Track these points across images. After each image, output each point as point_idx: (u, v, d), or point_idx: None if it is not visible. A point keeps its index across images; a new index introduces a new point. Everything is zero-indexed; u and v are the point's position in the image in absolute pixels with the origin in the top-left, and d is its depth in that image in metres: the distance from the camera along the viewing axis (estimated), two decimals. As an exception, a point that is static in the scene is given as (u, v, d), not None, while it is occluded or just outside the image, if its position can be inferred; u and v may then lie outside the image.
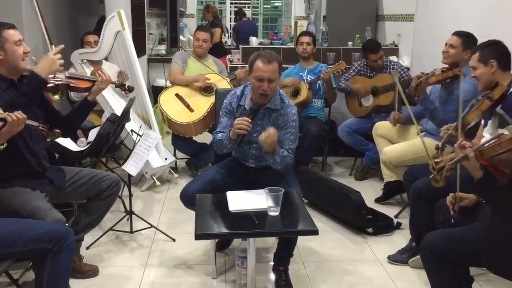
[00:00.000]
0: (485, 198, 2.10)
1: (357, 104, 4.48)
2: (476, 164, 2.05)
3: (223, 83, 4.34)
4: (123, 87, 3.11)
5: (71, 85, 2.75)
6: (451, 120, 2.89)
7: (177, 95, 4.38)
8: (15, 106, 2.40)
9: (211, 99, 4.20)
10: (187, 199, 2.76)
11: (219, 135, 2.80)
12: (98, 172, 2.81)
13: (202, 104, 4.31)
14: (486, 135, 2.71)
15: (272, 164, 2.70)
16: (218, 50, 6.40)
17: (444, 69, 3.27)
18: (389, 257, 3.07)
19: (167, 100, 4.35)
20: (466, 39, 3.38)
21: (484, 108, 2.59)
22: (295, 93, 4.40)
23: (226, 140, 2.73)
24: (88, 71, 4.09)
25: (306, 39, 4.46)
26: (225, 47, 7.42)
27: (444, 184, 2.34)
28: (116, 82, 3.01)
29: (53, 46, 3.30)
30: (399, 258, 3.04)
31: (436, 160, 2.44)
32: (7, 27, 2.45)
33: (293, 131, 2.76)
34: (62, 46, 2.55)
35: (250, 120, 2.61)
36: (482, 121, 2.74)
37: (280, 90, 2.84)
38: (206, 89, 4.39)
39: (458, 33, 3.43)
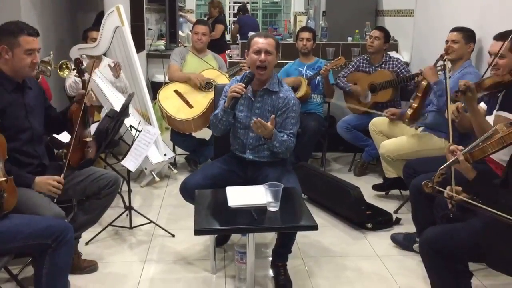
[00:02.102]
0: (481, 199, 2.10)
1: (356, 101, 4.47)
2: (467, 166, 2.06)
3: (222, 79, 4.33)
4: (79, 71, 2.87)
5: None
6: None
7: (176, 91, 4.37)
8: (12, 112, 2.42)
9: (210, 95, 4.20)
10: (187, 192, 2.77)
11: (215, 112, 2.88)
12: (96, 170, 2.80)
13: (201, 100, 4.30)
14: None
15: (272, 148, 2.75)
16: (221, 47, 6.37)
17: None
18: (392, 236, 3.15)
19: (166, 97, 4.35)
20: (466, 33, 3.44)
21: (506, 80, 2.59)
22: (294, 88, 4.39)
23: (221, 112, 2.79)
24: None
25: (306, 35, 4.45)
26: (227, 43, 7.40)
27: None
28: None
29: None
30: (400, 241, 3.11)
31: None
32: (27, 33, 2.41)
33: (294, 115, 2.81)
34: (62, 181, 2.51)
35: (244, 85, 2.69)
36: (484, 105, 2.75)
37: (278, 75, 2.90)
38: (205, 85, 4.38)
39: (457, 29, 3.48)
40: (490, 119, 2.75)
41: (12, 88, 2.46)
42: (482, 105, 2.81)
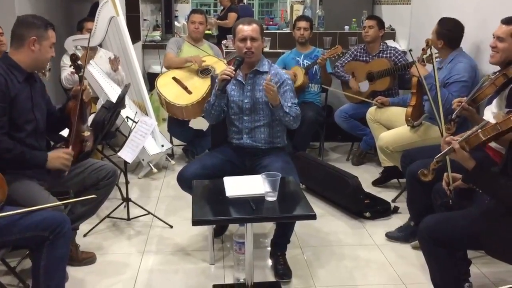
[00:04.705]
0: (481, 188, 2.09)
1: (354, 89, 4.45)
2: (464, 154, 2.06)
3: (220, 65, 4.30)
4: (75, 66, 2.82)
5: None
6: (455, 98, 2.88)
7: (174, 78, 4.33)
8: (21, 102, 2.42)
9: (209, 80, 4.17)
10: (184, 181, 2.77)
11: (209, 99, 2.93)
12: (95, 162, 2.80)
13: (200, 86, 4.27)
14: (487, 113, 2.71)
15: (283, 117, 2.77)
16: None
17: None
18: (387, 234, 3.11)
19: (165, 84, 4.31)
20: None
21: (498, 83, 2.61)
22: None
23: (213, 96, 2.83)
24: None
25: (303, 24, 4.42)
26: None
27: (433, 178, 2.36)
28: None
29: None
30: (396, 236, 3.08)
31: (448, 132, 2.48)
32: (52, 27, 2.53)
33: (290, 88, 2.87)
34: (72, 152, 2.56)
35: (234, 68, 2.73)
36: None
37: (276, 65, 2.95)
38: (203, 71, 4.35)
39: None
40: (489, 109, 2.74)
41: (22, 79, 2.46)
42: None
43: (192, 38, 4.52)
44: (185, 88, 4.27)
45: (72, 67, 2.78)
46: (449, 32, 3.34)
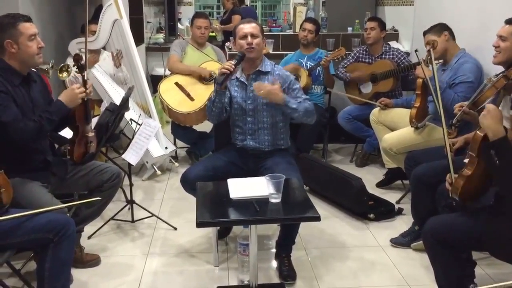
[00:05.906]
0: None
1: (357, 92, 4.45)
2: (497, 114, 2.01)
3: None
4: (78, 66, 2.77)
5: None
6: (461, 100, 2.87)
7: (176, 83, 4.34)
8: (21, 106, 2.41)
9: (211, 87, 4.17)
10: (187, 183, 2.77)
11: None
12: (99, 164, 2.81)
13: (203, 93, 4.27)
14: None
15: (291, 114, 2.79)
16: None
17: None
18: (391, 240, 3.08)
19: (167, 89, 4.32)
20: (434, 28, 3.40)
21: (499, 85, 2.59)
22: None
23: (213, 93, 2.83)
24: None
25: (309, 26, 4.42)
26: None
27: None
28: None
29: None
30: (401, 241, 3.05)
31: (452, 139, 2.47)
32: (23, 20, 2.41)
33: (297, 86, 2.90)
34: (80, 86, 2.57)
35: (233, 62, 2.73)
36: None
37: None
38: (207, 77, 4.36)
39: (426, 31, 3.43)
40: None
41: (18, 82, 2.44)
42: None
43: (197, 43, 4.52)
44: (188, 95, 4.27)
45: (76, 67, 2.77)
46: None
